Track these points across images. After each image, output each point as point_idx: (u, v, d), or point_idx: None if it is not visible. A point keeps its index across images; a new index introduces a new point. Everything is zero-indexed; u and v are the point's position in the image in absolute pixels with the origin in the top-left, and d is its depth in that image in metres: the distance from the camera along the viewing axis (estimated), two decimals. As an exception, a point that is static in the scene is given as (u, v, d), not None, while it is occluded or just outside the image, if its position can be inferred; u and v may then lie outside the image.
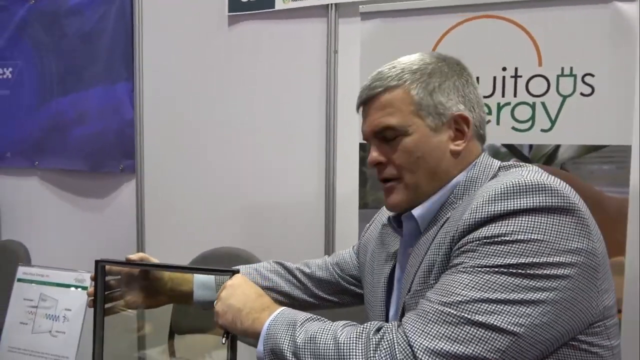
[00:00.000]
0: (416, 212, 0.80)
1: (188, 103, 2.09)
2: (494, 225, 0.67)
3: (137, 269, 0.95)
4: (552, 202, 0.66)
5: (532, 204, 0.66)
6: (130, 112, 2.18)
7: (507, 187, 0.68)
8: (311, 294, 1.04)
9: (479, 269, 0.66)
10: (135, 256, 0.96)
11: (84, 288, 1.00)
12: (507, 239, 0.65)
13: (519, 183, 0.68)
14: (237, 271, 0.88)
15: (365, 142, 0.87)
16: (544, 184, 0.67)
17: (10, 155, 2.44)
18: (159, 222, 2.19)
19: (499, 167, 0.80)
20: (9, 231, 2.50)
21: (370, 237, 0.99)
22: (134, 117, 2.17)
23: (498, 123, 1.59)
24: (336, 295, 1.05)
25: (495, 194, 0.68)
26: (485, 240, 0.67)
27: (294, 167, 1.94)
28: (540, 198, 0.66)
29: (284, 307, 0.78)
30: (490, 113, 1.58)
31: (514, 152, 1.58)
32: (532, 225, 0.66)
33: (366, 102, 0.83)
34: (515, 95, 1.57)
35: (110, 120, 2.21)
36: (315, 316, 0.75)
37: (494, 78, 1.58)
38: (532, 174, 0.70)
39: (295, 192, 1.94)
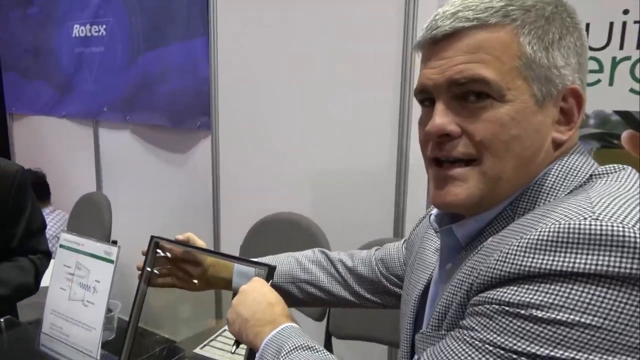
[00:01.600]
0: (459, 230, 0.59)
1: (263, 61, 2.00)
2: (524, 287, 0.46)
3: (183, 252, 0.95)
4: (628, 268, 0.42)
5: (594, 266, 0.43)
6: (206, 69, 2.16)
7: (560, 231, 0.45)
8: (352, 291, 0.92)
9: (490, 349, 0.46)
10: (182, 236, 0.95)
11: (110, 261, 0.99)
12: (540, 314, 0.44)
13: (581, 228, 0.44)
14: (274, 267, 0.82)
15: (421, 98, 0.59)
16: (625, 236, 0.43)
17: (106, 110, 2.60)
18: (232, 179, 2.20)
19: (590, 175, 0.55)
20: (106, 180, 2.71)
21: (419, 233, 0.81)
22: (209, 74, 2.14)
23: (611, 83, 1.26)
24: (378, 296, 0.92)
25: (538, 239, 0.46)
26: (506, 308, 0.46)
27: (367, 133, 1.78)
28: (611, 259, 0.42)
29: (287, 324, 0.69)
30: (601, 70, 1.26)
31: (629, 121, 1.26)
32: (584, 300, 0.43)
33: (444, 37, 0.55)
34: (638, 47, 1.22)
35: (188, 77, 2.22)
36: (309, 344, 0.65)
37: (611, 24, 1.24)
38: (617, 208, 0.45)
39: (366, 160, 1.79)
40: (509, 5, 0.53)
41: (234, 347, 0.77)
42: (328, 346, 1.63)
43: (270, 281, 0.80)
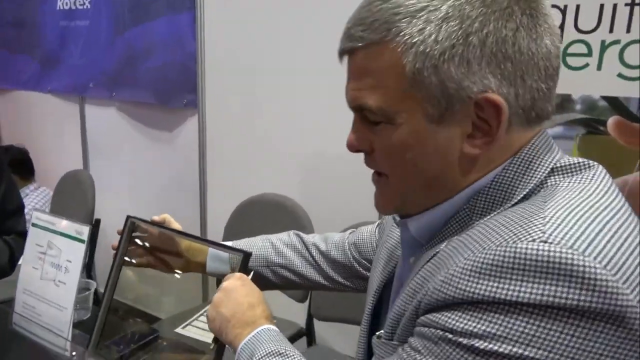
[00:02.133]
0: (412, 225, 0.57)
1: (251, 38, 1.95)
2: (468, 314, 0.43)
3: (158, 233, 0.94)
4: (576, 299, 0.40)
5: (539, 297, 0.40)
6: (192, 45, 2.11)
7: (506, 256, 0.42)
8: (325, 275, 0.91)
9: None
10: (158, 217, 0.93)
11: (82, 241, 0.98)
12: (481, 345, 0.42)
13: (528, 253, 0.41)
14: (249, 254, 0.81)
15: None
16: (574, 265, 0.40)
17: (92, 86, 2.55)
18: (219, 159, 2.17)
19: (552, 169, 0.51)
20: (92, 157, 2.68)
21: (389, 219, 0.78)
22: (195, 50, 2.10)
23: (599, 68, 1.24)
24: (351, 280, 0.90)
25: (483, 262, 0.43)
26: (449, 336, 0.44)
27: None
28: (558, 289, 0.40)
29: (264, 327, 0.68)
30: (589, 54, 1.23)
31: (616, 108, 1.24)
32: (528, 332, 0.41)
33: (342, 56, 0.54)
34: (628, 31, 1.19)
35: (174, 53, 2.17)
36: (281, 350, 0.64)
37: (601, 6, 1.21)
38: (571, 227, 0.42)
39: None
40: (396, 14, 0.48)
41: (213, 344, 0.76)
42: (310, 327, 1.63)
43: (251, 274, 0.79)
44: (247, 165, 2.07)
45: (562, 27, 1.22)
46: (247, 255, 0.80)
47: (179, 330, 1.51)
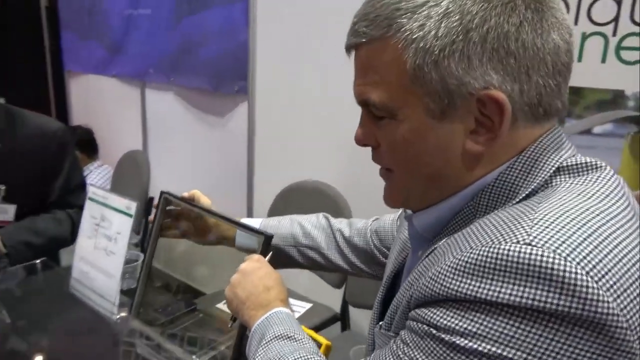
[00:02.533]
0: (416, 220, 0.58)
1: (301, 26, 1.99)
2: (452, 311, 0.44)
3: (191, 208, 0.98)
4: (554, 304, 0.40)
5: (518, 298, 0.41)
6: (245, 34, 2.17)
7: (488, 256, 0.42)
8: (346, 260, 0.93)
9: None
10: (188, 193, 0.98)
11: (130, 215, 1.06)
12: (462, 343, 0.43)
13: (510, 255, 0.41)
14: (270, 237, 0.83)
15: None
16: (554, 269, 0.40)
17: (152, 71, 2.69)
18: (267, 144, 2.24)
19: (557, 168, 0.50)
20: (151, 138, 2.83)
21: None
22: (247, 38, 2.16)
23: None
24: (369, 266, 0.92)
25: (467, 262, 0.44)
26: (433, 331, 0.46)
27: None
28: (537, 292, 0.40)
29: (276, 310, 0.71)
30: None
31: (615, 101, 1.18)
32: (508, 333, 0.41)
33: (349, 51, 0.56)
34: None
35: (227, 41, 2.25)
36: (289, 333, 0.66)
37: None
38: (559, 230, 0.42)
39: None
40: (398, 10, 0.48)
41: (231, 322, 0.79)
42: (344, 313, 1.67)
43: (269, 254, 0.81)
44: (293, 151, 2.12)
45: (616, 19, 1.16)
46: (268, 238, 0.82)
47: (219, 305, 1.59)
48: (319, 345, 0.79)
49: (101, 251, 1.11)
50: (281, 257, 0.93)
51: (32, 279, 1.25)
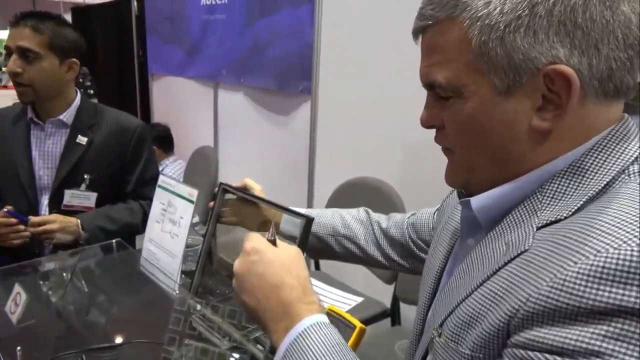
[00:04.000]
0: (476, 202, 0.55)
1: (364, 28, 2.04)
2: (591, 326, 0.39)
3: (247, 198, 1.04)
4: None
5: None
6: (310, 35, 2.25)
7: (633, 259, 0.39)
8: (383, 253, 0.94)
9: None
10: (240, 183, 1.04)
11: (191, 202, 1.16)
12: None
13: None
14: (311, 219, 0.81)
15: None
16: None
17: (225, 73, 2.85)
18: (328, 142, 2.31)
19: (635, 158, 0.48)
20: (222, 136, 3.00)
21: (451, 202, 0.78)
22: (312, 39, 2.24)
23: None
24: (406, 259, 0.92)
25: (604, 267, 0.39)
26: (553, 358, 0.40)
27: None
28: None
29: (307, 324, 0.54)
30: None
31: None
32: None
33: (416, 35, 0.56)
34: None
35: (293, 42, 2.34)
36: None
37: None
38: None
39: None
40: None
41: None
42: (394, 309, 1.68)
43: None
44: (352, 149, 2.17)
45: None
46: (309, 220, 0.79)
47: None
48: (354, 327, 0.83)
49: (167, 234, 1.22)
50: (320, 245, 0.97)
51: (108, 258, 1.40)
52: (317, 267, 2.01)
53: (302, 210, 1.02)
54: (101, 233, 1.41)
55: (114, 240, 1.41)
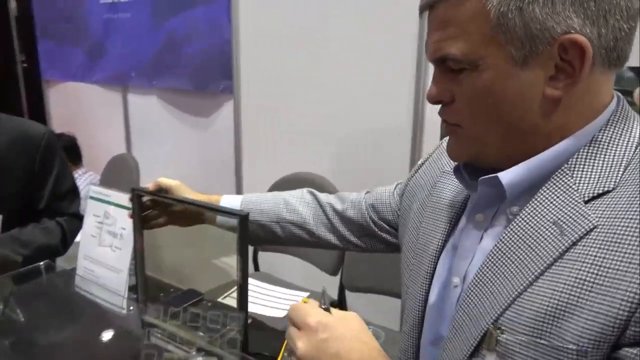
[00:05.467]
0: (506, 177, 0.54)
1: (283, 23, 2.03)
2: None
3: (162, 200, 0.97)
4: None
5: None
6: (228, 31, 2.20)
7: None
8: (338, 235, 0.92)
9: None
10: (152, 185, 0.97)
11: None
12: None
13: None
14: (246, 216, 0.80)
15: None
16: None
17: (134, 75, 2.68)
18: (254, 141, 2.27)
19: None
20: (135, 143, 2.83)
21: (421, 181, 0.78)
22: (230, 36, 2.18)
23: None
24: (364, 239, 0.91)
25: None
26: None
27: (384, 93, 1.81)
28: None
29: None
30: None
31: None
32: None
33: (424, 11, 0.56)
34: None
35: (211, 40, 2.27)
36: None
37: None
38: None
39: (384, 119, 1.82)
40: None
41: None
42: (342, 299, 1.71)
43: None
44: (280, 146, 2.16)
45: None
46: (243, 218, 0.79)
47: (219, 299, 1.61)
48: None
49: (107, 248, 1.12)
50: (263, 234, 0.93)
51: (37, 282, 1.25)
52: (257, 268, 1.97)
53: (239, 200, 0.96)
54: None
55: (41, 263, 1.26)
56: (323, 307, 0.58)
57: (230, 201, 0.96)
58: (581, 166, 0.52)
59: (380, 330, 1.37)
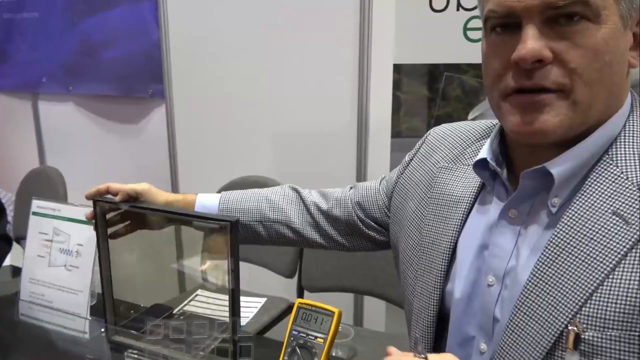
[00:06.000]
0: (556, 168, 0.53)
1: (217, 23, 1.96)
2: None
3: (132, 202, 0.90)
4: None
5: None
6: (156, 34, 2.08)
7: None
8: (323, 234, 0.88)
9: None
10: (118, 198, 0.89)
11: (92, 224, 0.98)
12: None
13: None
14: (236, 221, 0.77)
15: (497, 23, 0.53)
16: None
17: (45, 81, 2.45)
18: (191, 147, 2.17)
19: None
20: (50, 156, 2.58)
21: (413, 178, 0.76)
22: (159, 39, 2.07)
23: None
24: (350, 238, 0.88)
25: None
26: None
27: (326, 93, 1.82)
28: None
29: None
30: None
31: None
32: None
33: None
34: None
35: (137, 42, 2.14)
36: None
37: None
38: None
39: (327, 119, 1.83)
40: None
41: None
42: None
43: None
44: (218, 152, 2.08)
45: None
46: (234, 224, 0.77)
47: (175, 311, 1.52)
48: (332, 313, 0.81)
49: (59, 268, 1.01)
50: (245, 234, 0.89)
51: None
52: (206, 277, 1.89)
53: (217, 198, 0.90)
54: None
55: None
56: (421, 357, 0.56)
57: (207, 200, 0.90)
58: (623, 155, 0.53)
59: (349, 328, 1.38)
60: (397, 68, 1.52)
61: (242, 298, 1.75)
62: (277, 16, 1.83)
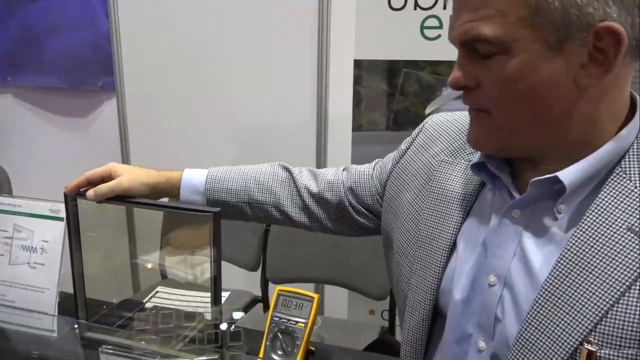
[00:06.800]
0: (568, 177, 0.53)
1: (170, 13, 1.91)
2: None
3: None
4: None
5: None
6: (105, 23, 2.00)
7: None
8: (311, 217, 0.87)
9: None
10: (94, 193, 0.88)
11: (60, 219, 0.95)
12: None
13: None
14: (219, 213, 0.76)
15: None
16: None
17: (-21, 71, 2.29)
18: (145, 142, 2.11)
19: None
20: (-11, 152, 2.41)
21: (410, 168, 0.75)
22: (109, 28, 2.00)
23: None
24: (338, 222, 0.87)
25: None
26: None
27: (285, 87, 1.83)
28: None
29: None
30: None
31: None
32: None
33: None
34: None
35: (85, 33, 2.05)
36: None
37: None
38: None
39: (287, 113, 1.85)
40: None
41: None
42: (265, 293, 1.70)
43: None
44: (176, 147, 2.04)
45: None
46: (217, 215, 0.77)
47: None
48: (311, 299, 0.84)
49: (22, 266, 0.96)
50: (230, 213, 0.88)
51: None
52: (164, 274, 1.85)
53: (204, 174, 0.88)
54: None
55: None
56: None
57: (193, 176, 0.88)
58: (637, 169, 0.53)
59: (317, 317, 1.41)
60: (358, 64, 1.57)
61: (206, 293, 1.75)
62: (235, 8, 1.81)
